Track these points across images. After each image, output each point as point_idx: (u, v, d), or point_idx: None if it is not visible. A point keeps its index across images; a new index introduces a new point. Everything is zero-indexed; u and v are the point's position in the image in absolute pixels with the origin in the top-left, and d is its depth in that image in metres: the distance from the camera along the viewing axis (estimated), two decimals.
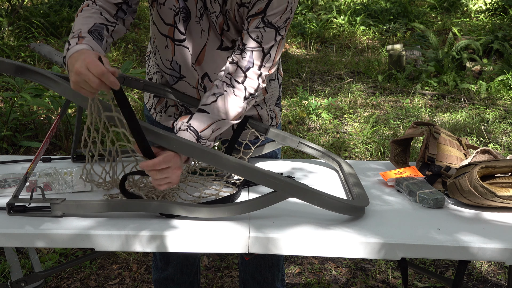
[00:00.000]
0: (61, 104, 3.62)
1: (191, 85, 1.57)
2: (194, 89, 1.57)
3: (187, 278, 1.91)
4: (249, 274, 1.91)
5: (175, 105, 1.66)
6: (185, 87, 1.58)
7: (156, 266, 1.90)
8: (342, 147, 4.07)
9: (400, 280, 2.52)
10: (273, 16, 1.38)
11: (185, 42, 1.48)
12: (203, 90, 1.56)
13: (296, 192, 1.21)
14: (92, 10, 1.39)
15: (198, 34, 1.47)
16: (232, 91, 1.41)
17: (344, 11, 8.44)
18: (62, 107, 1.47)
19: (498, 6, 8.61)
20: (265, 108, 1.68)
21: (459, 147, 1.66)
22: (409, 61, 6.23)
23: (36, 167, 1.55)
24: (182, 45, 1.48)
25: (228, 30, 1.44)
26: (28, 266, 2.48)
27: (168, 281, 1.89)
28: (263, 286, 1.89)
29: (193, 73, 1.53)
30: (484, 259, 1.19)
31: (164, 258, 1.85)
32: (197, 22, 1.45)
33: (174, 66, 1.54)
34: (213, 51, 1.48)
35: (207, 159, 1.21)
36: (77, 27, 1.33)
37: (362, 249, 1.19)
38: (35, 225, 1.21)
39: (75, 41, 1.27)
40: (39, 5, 7.96)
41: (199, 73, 1.53)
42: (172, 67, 1.55)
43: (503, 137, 4.38)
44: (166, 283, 1.89)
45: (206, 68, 1.52)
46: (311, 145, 1.66)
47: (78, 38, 1.28)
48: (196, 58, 1.50)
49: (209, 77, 1.53)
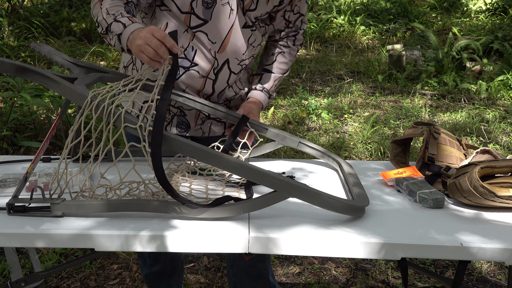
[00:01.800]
0: (61, 104, 3.62)
1: (200, 74, 1.59)
2: (202, 79, 1.60)
3: (175, 269, 1.97)
4: (243, 271, 1.91)
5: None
6: (192, 78, 1.60)
7: (145, 262, 1.94)
8: (342, 147, 4.07)
9: (400, 280, 2.52)
10: None
11: (204, 26, 1.55)
12: (214, 78, 1.62)
13: (296, 192, 1.21)
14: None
15: (226, 15, 1.55)
16: (289, 51, 1.76)
17: (344, 11, 8.44)
18: (62, 107, 1.47)
19: (498, 6, 8.61)
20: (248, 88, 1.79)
21: (459, 147, 1.66)
22: (409, 61, 6.23)
23: (36, 167, 1.55)
24: (201, 31, 1.55)
25: (256, 8, 1.58)
26: (28, 266, 2.48)
27: (159, 275, 1.93)
28: (258, 282, 1.90)
29: (209, 59, 1.59)
30: (484, 259, 1.19)
31: (153, 254, 1.90)
32: (224, 4, 1.53)
33: (188, 53, 1.57)
34: (238, 30, 1.59)
35: (207, 159, 1.21)
36: (113, 10, 1.43)
37: (362, 249, 1.19)
38: (35, 225, 1.21)
39: (127, 20, 1.39)
40: (39, 5, 7.96)
41: (219, 61, 1.60)
42: (184, 55, 1.58)
43: (503, 137, 4.38)
44: (157, 277, 1.94)
45: (229, 52, 1.60)
46: (311, 145, 1.66)
47: (127, 17, 1.40)
48: (220, 45, 1.58)
49: (229, 63, 1.61)
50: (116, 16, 1.42)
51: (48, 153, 3.65)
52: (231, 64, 1.63)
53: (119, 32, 1.39)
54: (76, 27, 7.15)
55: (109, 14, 1.43)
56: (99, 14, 1.46)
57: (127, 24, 1.39)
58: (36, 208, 1.25)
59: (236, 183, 1.50)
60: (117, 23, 1.40)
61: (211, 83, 1.64)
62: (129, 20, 1.40)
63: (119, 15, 1.42)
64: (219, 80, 1.64)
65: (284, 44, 1.76)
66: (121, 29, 1.39)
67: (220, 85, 1.66)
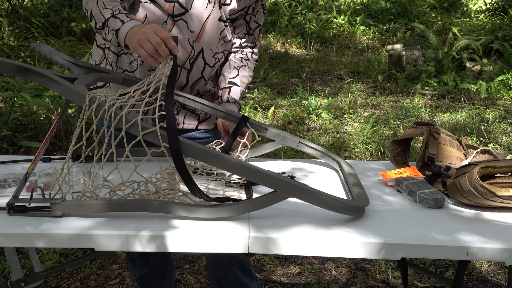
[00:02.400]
0: (61, 104, 3.62)
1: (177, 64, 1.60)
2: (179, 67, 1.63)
3: (166, 267, 1.98)
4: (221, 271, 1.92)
5: None
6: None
7: (135, 265, 1.95)
8: (342, 147, 4.07)
9: (400, 280, 2.52)
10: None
11: (185, 15, 1.60)
12: (189, 68, 1.66)
13: (296, 192, 1.21)
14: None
15: (204, 5, 1.62)
16: (247, 64, 1.80)
17: (344, 11, 8.44)
18: (62, 107, 1.47)
19: (498, 6, 8.61)
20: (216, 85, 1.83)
21: (459, 147, 1.66)
22: (409, 61, 6.23)
23: (36, 167, 1.55)
24: (182, 19, 1.60)
25: (230, 3, 1.66)
26: (28, 266, 2.48)
27: (151, 276, 1.94)
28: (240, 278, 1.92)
29: (186, 49, 1.62)
30: (484, 259, 1.19)
31: (143, 255, 1.91)
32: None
33: None
34: (214, 22, 1.65)
35: (207, 159, 1.21)
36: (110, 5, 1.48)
37: (362, 249, 1.19)
38: (35, 225, 1.21)
39: (125, 17, 1.45)
40: (39, 5, 7.96)
41: (195, 50, 1.64)
42: None
43: (503, 137, 4.38)
44: (150, 278, 1.95)
45: (204, 42, 1.64)
46: (311, 145, 1.66)
47: (125, 14, 1.46)
48: (197, 34, 1.62)
49: (203, 54, 1.66)
50: (114, 12, 1.46)
51: (48, 153, 3.65)
52: (206, 55, 1.67)
53: (117, 27, 1.44)
54: (76, 27, 7.15)
55: (106, 8, 1.47)
56: (94, 8, 1.50)
57: (125, 21, 1.44)
58: (36, 208, 1.25)
59: (236, 183, 1.50)
60: (115, 19, 1.45)
61: (186, 73, 1.67)
62: (127, 16, 1.46)
63: (117, 11, 1.47)
64: (193, 71, 1.67)
65: (244, 57, 1.80)
66: (119, 25, 1.44)
67: (194, 76, 1.68)
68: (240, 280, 1.91)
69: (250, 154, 1.70)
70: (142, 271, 1.93)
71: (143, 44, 1.36)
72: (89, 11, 1.52)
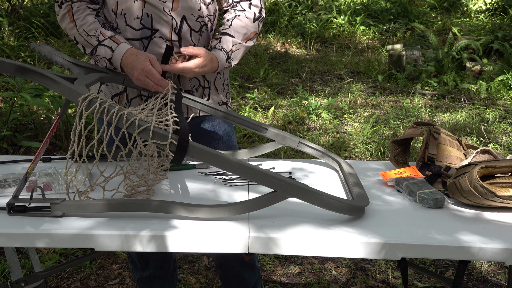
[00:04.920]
0: (61, 104, 3.62)
1: (164, 38, 1.59)
2: (168, 42, 1.60)
3: (167, 271, 1.96)
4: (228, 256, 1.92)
5: (138, 96, 1.67)
6: (159, 45, 1.59)
7: (135, 267, 1.94)
8: (342, 147, 4.07)
9: (400, 280, 2.52)
10: None
11: None
12: (177, 39, 1.61)
13: (296, 192, 1.21)
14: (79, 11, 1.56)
15: None
16: (244, 15, 1.66)
17: (344, 11, 8.44)
18: (62, 107, 1.47)
19: (498, 6, 8.61)
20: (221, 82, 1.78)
21: (459, 147, 1.66)
22: (409, 61, 6.23)
23: (36, 167, 1.55)
24: None
25: None
26: (28, 266, 2.48)
27: (151, 279, 1.93)
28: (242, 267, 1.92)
29: (167, 20, 1.58)
30: (485, 259, 1.19)
31: (143, 258, 1.89)
32: None
33: (145, 21, 1.58)
34: None
35: (207, 159, 1.21)
36: (92, 30, 1.54)
37: (362, 249, 1.19)
38: (35, 225, 1.21)
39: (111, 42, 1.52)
40: (39, 5, 7.96)
41: (176, 19, 1.59)
42: (142, 25, 1.58)
43: (503, 137, 4.38)
44: (149, 281, 1.94)
45: (184, 8, 1.59)
46: (311, 145, 1.66)
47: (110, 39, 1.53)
48: (172, 2, 1.58)
49: (187, 20, 1.61)
50: (99, 38, 1.54)
51: (48, 153, 3.65)
52: (189, 20, 1.61)
53: (109, 57, 1.54)
54: None
55: (90, 36, 1.55)
56: (77, 36, 1.57)
57: (113, 48, 1.52)
58: (36, 208, 1.25)
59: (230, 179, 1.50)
60: (102, 48, 1.53)
61: (177, 45, 1.61)
62: (112, 41, 1.53)
63: (101, 36, 1.54)
64: (183, 39, 1.62)
65: (238, 9, 1.68)
66: (110, 54, 1.53)
67: (186, 45, 1.62)
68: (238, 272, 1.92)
69: (250, 154, 1.70)
70: (142, 273, 1.93)
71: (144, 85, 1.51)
72: (73, 38, 1.59)
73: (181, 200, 1.36)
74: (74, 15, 1.56)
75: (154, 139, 1.18)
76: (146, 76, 1.48)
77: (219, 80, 1.77)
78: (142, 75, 1.49)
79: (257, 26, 1.69)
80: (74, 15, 1.56)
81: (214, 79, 1.75)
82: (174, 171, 1.59)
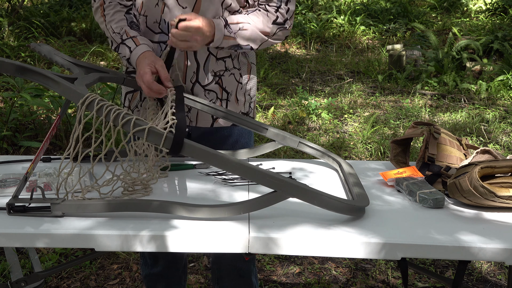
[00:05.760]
0: (61, 104, 3.62)
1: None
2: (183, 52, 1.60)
3: (176, 272, 1.95)
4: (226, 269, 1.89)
5: None
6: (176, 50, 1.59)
7: (145, 263, 1.93)
8: (342, 147, 4.07)
9: (400, 280, 2.52)
10: None
11: None
12: None
13: (296, 192, 1.21)
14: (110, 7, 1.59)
15: None
16: (266, 13, 1.58)
17: (344, 11, 8.44)
18: (62, 107, 1.47)
19: (498, 6, 8.61)
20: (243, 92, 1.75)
21: (459, 147, 1.66)
22: (409, 61, 6.23)
23: (36, 167, 1.55)
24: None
25: None
26: (28, 266, 2.48)
27: (158, 277, 1.93)
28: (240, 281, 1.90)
29: None
30: (485, 259, 1.19)
31: (153, 255, 1.89)
32: None
33: (162, 26, 1.60)
34: None
35: (207, 159, 1.21)
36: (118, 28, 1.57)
37: (362, 249, 1.19)
38: (35, 225, 1.21)
39: (132, 43, 1.54)
40: (39, 5, 7.96)
41: None
42: (160, 29, 1.60)
43: (503, 137, 4.38)
44: (156, 278, 1.93)
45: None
46: (311, 145, 1.66)
47: (131, 38, 1.55)
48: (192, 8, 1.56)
49: None
50: (122, 36, 1.56)
51: (48, 153, 3.65)
52: None
53: (127, 56, 1.56)
54: (76, 27, 7.15)
55: (115, 33, 1.58)
56: (106, 31, 1.61)
57: (132, 48, 1.54)
58: (36, 208, 1.25)
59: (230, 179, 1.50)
60: (123, 46, 1.56)
61: (193, 54, 1.60)
62: (133, 41, 1.55)
63: (125, 35, 1.56)
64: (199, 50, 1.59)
65: (262, 8, 1.59)
66: (128, 54, 1.55)
67: (202, 54, 1.61)
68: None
69: (250, 154, 1.70)
70: (151, 270, 1.92)
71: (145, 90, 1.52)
72: (102, 28, 1.63)
73: (181, 200, 1.36)
74: (105, 10, 1.59)
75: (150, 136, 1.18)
76: (142, 81, 1.50)
77: (240, 90, 1.73)
78: (139, 79, 1.51)
79: (273, 29, 1.59)
80: (105, 10, 1.59)
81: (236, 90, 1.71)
82: (174, 171, 1.59)
